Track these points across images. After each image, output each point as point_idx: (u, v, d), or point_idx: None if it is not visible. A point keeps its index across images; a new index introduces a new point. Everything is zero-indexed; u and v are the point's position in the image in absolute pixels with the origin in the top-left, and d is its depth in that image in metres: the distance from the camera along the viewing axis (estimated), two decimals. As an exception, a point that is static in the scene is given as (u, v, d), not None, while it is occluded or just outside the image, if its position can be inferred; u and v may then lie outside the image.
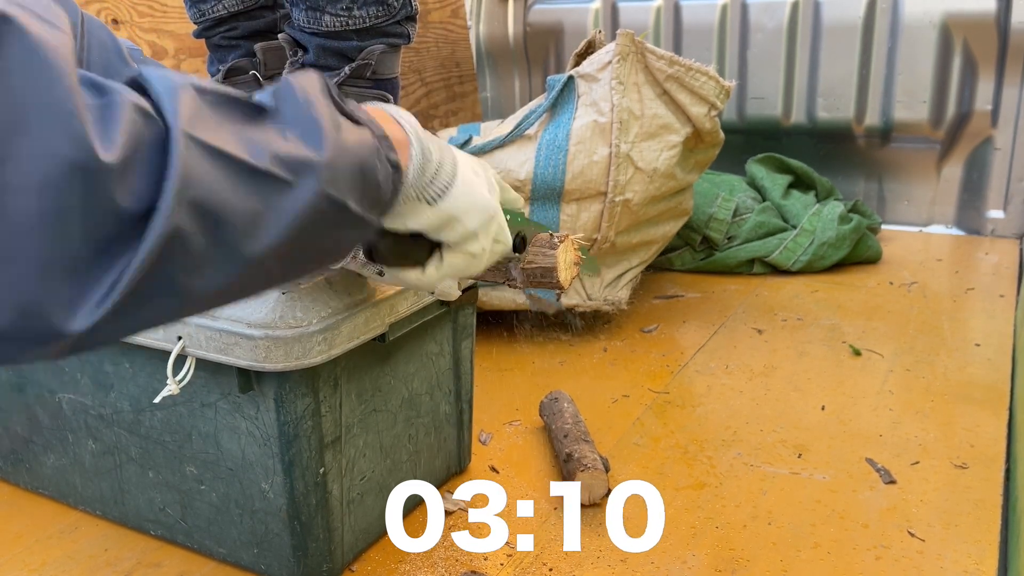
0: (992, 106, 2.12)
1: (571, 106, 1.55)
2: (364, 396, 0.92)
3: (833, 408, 1.29)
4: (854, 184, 2.33)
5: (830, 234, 1.92)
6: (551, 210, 1.53)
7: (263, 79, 1.18)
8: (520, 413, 1.30)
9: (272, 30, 1.19)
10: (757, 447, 1.18)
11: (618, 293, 1.61)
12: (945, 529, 0.98)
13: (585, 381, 1.41)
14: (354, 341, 0.85)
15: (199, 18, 1.19)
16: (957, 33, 2.11)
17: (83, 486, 1.04)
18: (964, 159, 2.20)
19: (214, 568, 0.96)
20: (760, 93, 2.35)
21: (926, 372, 1.40)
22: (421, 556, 0.96)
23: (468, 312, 1.07)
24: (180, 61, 1.71)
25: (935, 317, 1.65)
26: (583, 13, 2.54)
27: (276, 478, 0.87)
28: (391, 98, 1.06)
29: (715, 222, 1.95)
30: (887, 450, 1.16)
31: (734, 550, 0.96)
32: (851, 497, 1.05)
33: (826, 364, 1.45)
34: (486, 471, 1.14)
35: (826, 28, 2.24)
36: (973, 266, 1.98)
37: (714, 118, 1.59)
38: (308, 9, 1.00)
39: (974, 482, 1.07)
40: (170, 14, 1.71)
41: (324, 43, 1.01)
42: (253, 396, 0.84)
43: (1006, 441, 1.17)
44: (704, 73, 1.55)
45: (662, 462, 1.15)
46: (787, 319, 1.66)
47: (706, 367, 1.46)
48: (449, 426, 1.09)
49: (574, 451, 1.07)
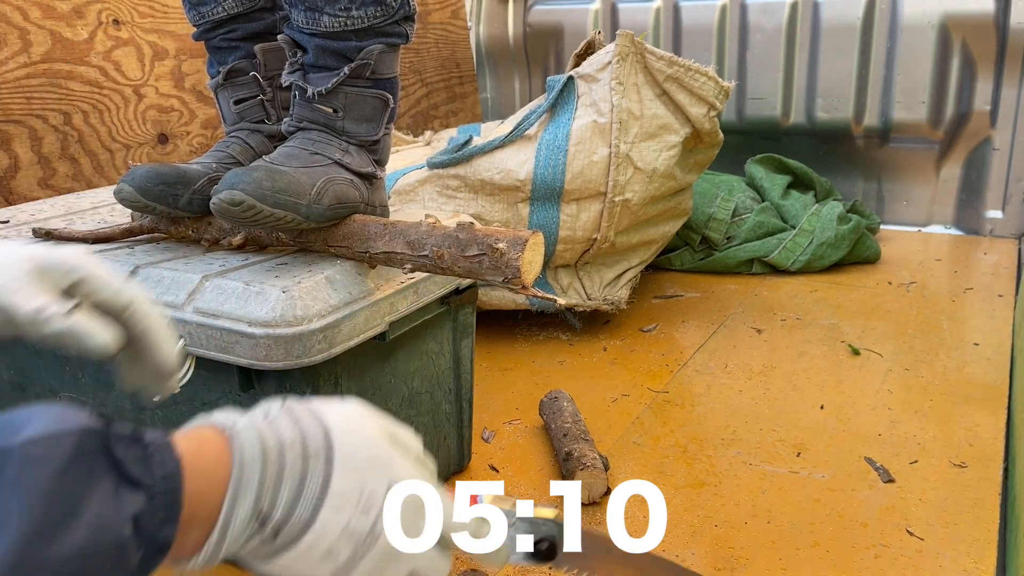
0: (991, 106, 2.13)
1: (571, 106, 1.55)
2: (364, 394, 0.92)
3: (832, 407, 1.29)
4: (853, 184, 2.33)
5: (829, 234, 1.93)
6: (551, 210, 1.53)
7: (263, 80, 1.19)
8: (520, 412, 1.30)
9: (272, 31, 1.19)
10: (756, 446, 1.18)
11: (618, 293, 1.61)
12: (944, 528, 0.98)
13: (585, 380, 1.42)
14: (354, 340, 0.86)
15: (198, 20, 1.19)
16: (956, 33, 2.11)
17: (84, 485, 1.05)
18: (963, 159, 2.21)
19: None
20: (759, 93, 2.35)
21: (925, 371, 1.41)
22: (421, 555, 0.96)
23: (468, 311, 1.07)
24: (181, 62, 1.72)
25: (934, 317, 1.65)
26: (583, 14, 2.54)
27: (276, 477, 0.87)
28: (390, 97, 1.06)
29: (714, 222, 1.95)
30: (886, 449, 1.16)
31: (733, 548, 0.96)
32: (850, 496, 1.06)
33: (825, 364, 1.45)
34: (486, 470, 1.14)
35: (825, 29, 2.25)
36: (972, 266, 1.98)
37: (713, 118, 1.59)
38: (306, 10, 1.00)
39: (973, 481, 1.08)
40: (171, 15, 1.71)
41: (323, 43, 1.02)
42: (254, 395, 0.85)
43: (1004, 440, 1.18)
44: (703, 74, 1.55)
45: (662, 461, 1.15)
46: (786, 319, 1.67)
47: (705, 367, 1.46)
48: (449, 425, 1.09)
49: (574, 450, 1.07)
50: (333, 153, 0.99)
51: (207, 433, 0.49)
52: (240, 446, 0.48)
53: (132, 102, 1.62)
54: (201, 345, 0.83)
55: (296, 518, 0.49)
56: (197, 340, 0.83)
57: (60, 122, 1.50)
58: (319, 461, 0.50)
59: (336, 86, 1.02)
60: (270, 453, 0.49)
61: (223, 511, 0.47)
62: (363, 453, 0.52)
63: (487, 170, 1.54)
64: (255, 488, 0.48)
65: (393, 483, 0.53)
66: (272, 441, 0.49)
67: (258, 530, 0.49)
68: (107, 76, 1.58)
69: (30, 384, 1.04)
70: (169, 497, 0.43)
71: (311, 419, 0.52)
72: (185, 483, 0.44)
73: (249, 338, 0.80)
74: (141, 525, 0.42)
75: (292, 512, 0.49)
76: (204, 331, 0.82)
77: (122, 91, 1.61)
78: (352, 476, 0.51)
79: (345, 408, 0.54)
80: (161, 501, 0.43)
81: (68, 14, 1.53)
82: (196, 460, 0.46)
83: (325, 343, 0.82)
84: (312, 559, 0.50)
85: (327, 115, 1.03)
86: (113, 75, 1.59)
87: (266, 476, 0.48)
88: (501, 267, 0.80)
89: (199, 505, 0.46)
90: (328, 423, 0.52)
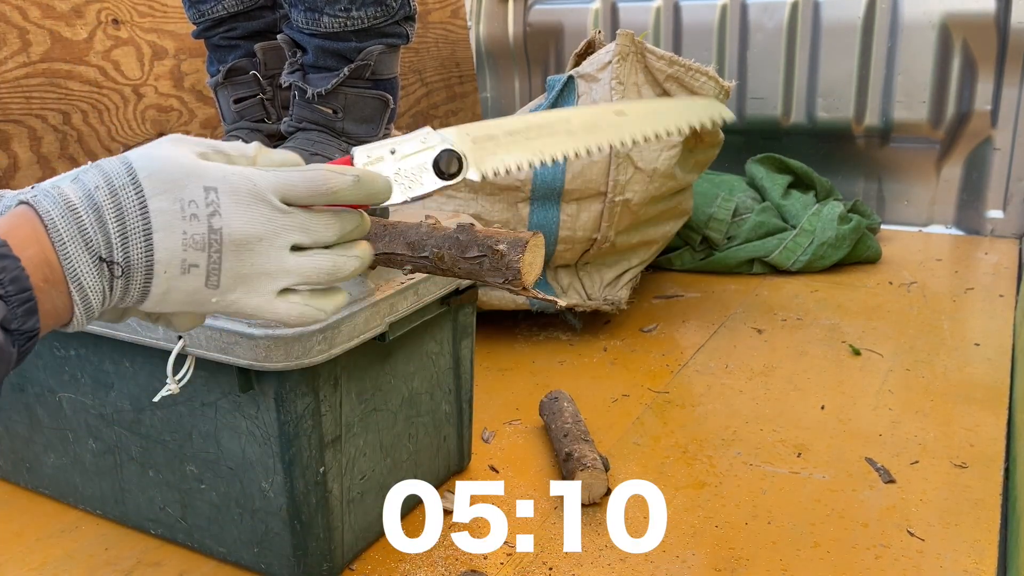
0: (991, 106, 2.13)
1: (571, 106, 1.55)
2: (364, 395, 0.92)
3: (833, 408, 1.29)
4: (854, 184, 2.33)
5: (830, 234, 1.92)
6: (551, 210, 1.53)
7: (263, 79, 1.18)
8: (520, 413, 1.30)
9: (272, 30, 1.19)
10: (757, 446, 1.18)
11: (618, 293, 1.61)
12: (944, 528, 0.98)
13: (585, 381, 1.41)
14: (354, 340, 0.85)
15: (198, 19, 1.19)
16: (956, 33, 2.11)
17: (83, 485, 1.05)
18: (963, 159, 2.20)
19: (214, 567, 0.96)
20: (760, 93, 2.35)
21: (926, 372, 1.40)
22: (421, 555, 0.96)
23: (468, 312, 1.07)
24: (180, 61, 1.72)
25: (935, 317, 1.65)
26: (583, 13, 2.54)
27: (276, 477, 0.87)
28: (390, 97, 1.06)
29: (715, 222, 1.95)
30: (887, 449, 1.16)
31: (734, 549, 0.96)
32: (851, 496, 1.05)
33: (826, 364, 1.45)
34: (486, 470, 1.14)
35: (825, 28, 2.24)
36: (972, 266, 1.98)
37: (714, 118, 1.59)
38: (306, 10, 1.00)
39: (973, 481, 1.08)
40: (170, 14, 1.71)
41: (322, 44, 1.01)
42: (253, 395, 0.84)
43: (1005, 440, 1.17)
44: (704, 73, 1.55)
45: (662, 461, 1.15)
46: (787, 319, 1.67)
47: (706, 367, 1.46)
48: (449, 425, 1.09)
49: (574, 450, 1.07)
50: (333, 154, 0.99)
51: (17, 214, 0.52)
52: (45, 210, 0.51)
53: (131, 102, 1.62)
54: (201, 345, 0.83)
55: (135, 250, 0.53)
56: (197, 340, 0.83)
57: (59, 122, 1.50)
58: (128, 191, 0.53)
59: (336, 87, 1.02)
60: (78, 203, 0.52)
61: (64, 270, 0.51)
62: (168, 169, 0.54)
63: (487, 170, 1.54)
64: (77, 236, 0.51)
65: (210, 187, 0.55)
66: (78, 193, 0.52)
67: (112, 278, 0.53)
68: (106, 76, 1.58)
69: (28, 384, 1.04)
70: (23, 295, 0.48)
71: (114, 161, 0.55)
72: (30, 277, 0.49)
73: (249, 339, 0.80)
74: (7, 324, 0.48)
75: (128, 245, 0.52)
76: (204, 331, 0.82)
77: (121, 91, 1.60)
78: (165, 194, 0.53)
79: (152, 142, 0.57)
80: (16, 301, 0.48)
81: (67, 13, 1.53)
82: (24, 246, 0.50)
83: (325, 344, 0.82)
84: (179, 277, 0.54)
85: (327, 116, 1.03)
86: (112, 75, 1.59)
87: (84, 222, 0.52)
88: (501, 269, 0.80)
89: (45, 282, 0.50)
90: (130, 157, 0.55)
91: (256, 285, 0.57)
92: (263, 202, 0.56)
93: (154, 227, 0.53)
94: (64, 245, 0.51)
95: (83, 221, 0.52)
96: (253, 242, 0.56)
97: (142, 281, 0.53)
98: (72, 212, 0.52)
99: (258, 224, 0.56)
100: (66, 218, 0.51)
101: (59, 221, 0.51)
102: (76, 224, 0.52)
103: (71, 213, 0.52)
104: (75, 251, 0.51)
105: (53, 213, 0.51)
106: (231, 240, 0.55)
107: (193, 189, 0.54)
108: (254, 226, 0.56)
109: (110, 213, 0.52)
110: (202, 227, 0.54)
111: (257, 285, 0.57)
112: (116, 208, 0.52)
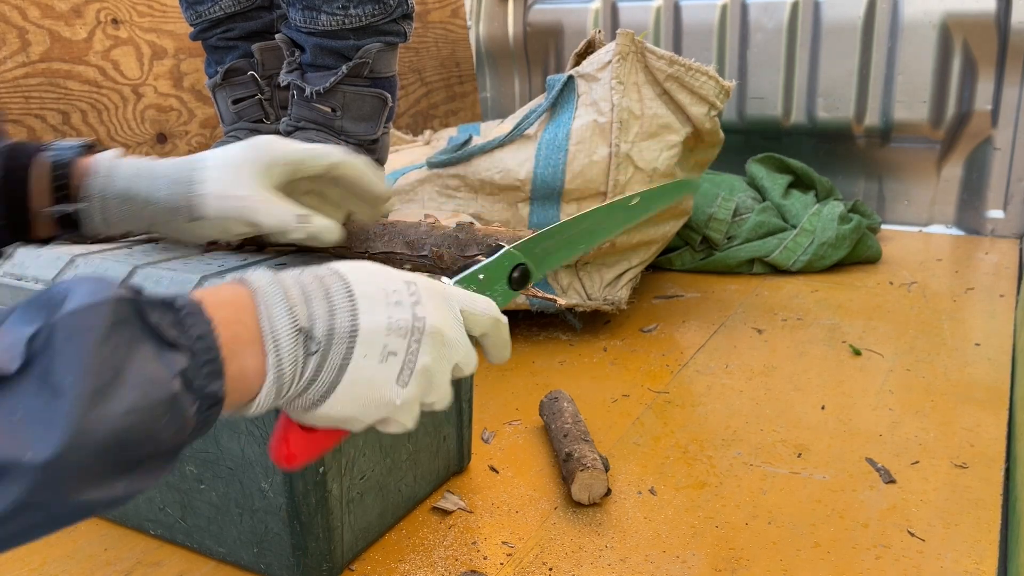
0: (992, 106, 2.12)
1: (571, 106, 1.55)
2: (363, 395, 0.92)
3: (833, 408, 1.29)
4: (854, 184, 2.33)
5: (830, 234, 1.92)
6: (551, 210, 1.53)
7: (261, 79, 1.18)
8: (520, 413, 1.30)
9: (269, 30, 1.19)
10: (757, 447, 1.18)
11: (618, 293, 1.61)
12: (945, 529, 0.98)
13: (585, 381, 1.41)
14: (353, 340, 0.85)
15: (195, 20, 1.19)
16: (957, 33, 2.11)
17: (82, 486, 1.04)
18: (964, 159, 2.20)
19: (214, 567, 0.96)
20: (760, 93, 2.35)
21: (926, 372, 1.40)
22: (421, 555, 0.96)
23: (467, 311, 1.07)
24: (180, 61, 1.71)
25: (935, 317, 1.65)
26: (583, 13, 2.54)
27: (276, 477, 0.87)
28: (389, 96, 1.06)
29: (715, 222, 1.95)
30: (887, 450, 1.16)
31: (734, 550, 0.95)
32: (851, 497, 1.05)
33: (826, 364, 1.45)
34: (486, 471, 1.14)
35: (826, 28, 2.24)
36: (973, 266, 1.98)
37: (714, 118, 1.59)
38: (304, 8, 1.00)
39: (974, 482, 1.07)
40: (170, 14, 1.71)
41: (321, 42, 1.01)
42: (252, 395, 0.84)
43: (1006, 441, 1.17)
44: (704, 73, 1.55)
45: (662, 462, 1.15)
46: (787, 319, 1.66)
47: (706, 367, 1.45)
48: (448, 425, 1.09)
49: (574, 450, 1.07)
50: (332, 153, 0.99)
51: (225, 287, 0.51)
52: (253, 280, 0.51)
53: (131, 101, 1.62)
54: (199, 345, 0.82)
55: (340, 323, 0.51)
56: (195, 340, 0.82)
57: (59, 122, 1.50)
58: (335, 277, 0.53)
59: (334, 85, 1.02)
60: (286, 280, 0.52)
61: (261, 329, 0.49)
62: (368, 268, 0.55)
63: (487, 170, 1.54)
64: (282, 303, 0.50)
65: (410, 281, 0.56)
66: (283, 276, 0.52)
67: (307, 355, 0.50)
68: (106, 75, 1.58)
69: (28, 384, 1.03)
70: (209, 354, 0.46)
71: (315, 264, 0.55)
72: (219, 336, 0.46)
73: (247, 338, 0.80)
74: (189, 379, 0.44)
75: (333, 321, 0.51)
76: (202, 331, 0.82)
77: (121, 90, 1.60)
78: (369, 283, 0.53)
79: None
80: (203, 358, 0.45)
81: (67, 13, 1.53)
82: (219, 308, 0.48)
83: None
84: (376, 365, 0.51)
85: (325, 114, 1.03)
86: (112, 74, 1.59)
87: (290, 295, 0.50)
88: None
89: (235, 341, 0.48)
90: (332, 264, 0.56)
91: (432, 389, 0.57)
92: (451, 310, 0.57)
93: (360, 308, 0.51)
94: (268, 306, 0.49)
95: (290, 291, 0.50)
96: (450, 343, 0.56)
97: (338, 363, 0.51)
98: (279, 282, 0.51)
99: (450, 327, 0.56)
100: (273, 285, 0.50)
101: (266, 287, 0.50)
102: (282, 291, 0.50)
103: (278, 282, 0.51)
104: (277, 312, 0.49)
105: (263, 284, 0.50)
106: (433, 330, 0.54)
107: (395, 281, 0.54)
108: (449, 326, 0.56)
109: (316, 293, 0.51)
110: (407, 313, 0.53)
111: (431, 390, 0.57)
112: (322, 288, 0.52)
